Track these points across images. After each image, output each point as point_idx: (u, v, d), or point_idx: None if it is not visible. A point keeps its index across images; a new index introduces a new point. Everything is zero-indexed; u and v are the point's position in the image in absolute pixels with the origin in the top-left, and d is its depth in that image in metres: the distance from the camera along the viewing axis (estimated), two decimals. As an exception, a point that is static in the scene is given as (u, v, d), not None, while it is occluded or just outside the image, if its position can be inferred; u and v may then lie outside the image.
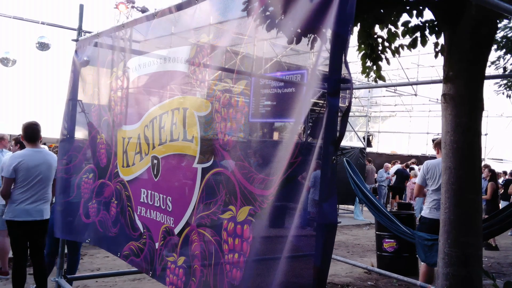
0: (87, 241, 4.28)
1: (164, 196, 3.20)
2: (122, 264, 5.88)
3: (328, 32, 1.86)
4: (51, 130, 5.12)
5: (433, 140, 17.20)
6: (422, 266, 5.27)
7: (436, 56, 3.89)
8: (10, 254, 6.06)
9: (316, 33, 2.96)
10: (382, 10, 3.88)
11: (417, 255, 5.99)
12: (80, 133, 4.39)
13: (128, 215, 3.62)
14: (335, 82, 1.70)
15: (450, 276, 3.36)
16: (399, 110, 24.18)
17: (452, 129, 3.36)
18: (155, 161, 3.28)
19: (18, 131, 13.22)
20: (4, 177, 4.54)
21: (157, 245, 3.28)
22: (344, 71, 1.75)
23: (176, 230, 3.07)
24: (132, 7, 11.59)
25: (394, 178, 15.58)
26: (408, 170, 15.67)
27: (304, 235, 2.03)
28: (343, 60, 1.68)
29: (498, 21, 3.71)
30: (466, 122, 3.34)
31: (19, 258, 4.59)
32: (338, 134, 1.69)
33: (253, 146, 2.52)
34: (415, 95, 17.19)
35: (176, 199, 3.11)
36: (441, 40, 3.85)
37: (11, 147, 6.58)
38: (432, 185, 5.05)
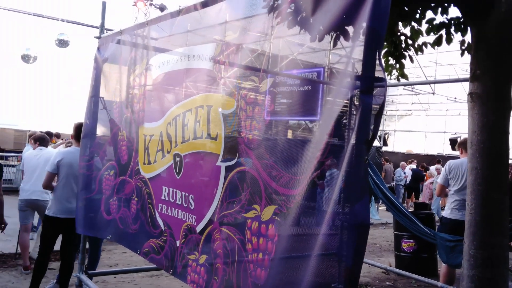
0: (108, 237, 4.31)
1: (186, 194, 3.19)
2: (139, 260, 5.91)
3: (358, 28, 1.82)
4: (71, 126, 5.17)
5: (450, 139, 16.87)
6: (443, 267, 5.20)
7: (462, 54, 3.81)
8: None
9: (342, 30, 2.92)
10: (406, 7, 3.82)
11: (437, 256, 5.91)
12: (102, 130, 4.42)
13: (149, 213, 3.63)
14: (369, 80, 1.66)
15: (476, 278, 3.29)
16: (416, 108, 23.89)
17: (479, 128, 3.28)
18: (178, 159, 3.27)
19: (38, 127, 13.40)
20: (47, 171, 4.76)
21: (178, 243, 3.27)
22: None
23: (198, 228, 3.06)
24: (151, 4, 11.65)
25: (409, 177, 15.47)
26: (423, 170, 15.53)
27: (329, 234, 2.01)
28: (377, 57, 1.64)
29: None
30: (493, 121, 3.26)
31: (45, 252, 4.68)
32: (371, 133, 1.66)
33: (280, 144, 2.48)
34: (433, 93, 16.93)
35: (198, 197, 3.10)
36: (467, 38, 3.77)
37: (32, 145, 6.68)
38: (454, 185, 4.97)
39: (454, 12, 3.80)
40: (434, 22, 3.89)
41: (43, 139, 6.13)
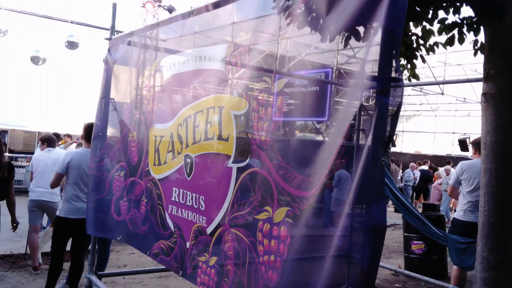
0: (118, 238, 4.31)
1: (197, 195, 3.18)
2: (148, 260, 5.92)
3: (371, 29, 1.80)
4: (80, 128, 5.20)
5: (459, 140, 16.75)
6: (454, 269, 5.14)
7: (475, 54, 3.78)
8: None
9: (353, 30, 2.90)
10: (417, 7, 3.79)
11: (448, 258, 5.85)
12: (112, 131, 4.42)
13: (159, 214, 3.62)
14: (385, 81, 1.64)
15: (489, 281, 3.25)
16: (424, 109, 23.76)
17: (493, 129, 3.24)
18: (188, 160, 3.26)
19: (47, 129, 13.46)
20: (55, 171, 4.80)
21: (188, 244, 3.26)
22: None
23: (209, 230, 3.04)
24: (159, 5, 11.69)
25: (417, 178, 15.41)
26: (432, 171, 15.44)
27: (339, 235, 1.99)
28: (394, 57, 1.62)
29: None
30: (507, 122, 3.22)
31: (59, 253, 4.71)
32: (388, 134, 1.63)
33: (292, 146, 2.47)
34: (442, 94, 16.83)
35: (209, 199, 3.09)
36: (480, 38, 3.73)
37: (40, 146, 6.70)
38: (466, 186, 4.91)
39: (466, 11, 3.77)
40: (446, 22, 3.86)
41: (50, 140, 6.16)
